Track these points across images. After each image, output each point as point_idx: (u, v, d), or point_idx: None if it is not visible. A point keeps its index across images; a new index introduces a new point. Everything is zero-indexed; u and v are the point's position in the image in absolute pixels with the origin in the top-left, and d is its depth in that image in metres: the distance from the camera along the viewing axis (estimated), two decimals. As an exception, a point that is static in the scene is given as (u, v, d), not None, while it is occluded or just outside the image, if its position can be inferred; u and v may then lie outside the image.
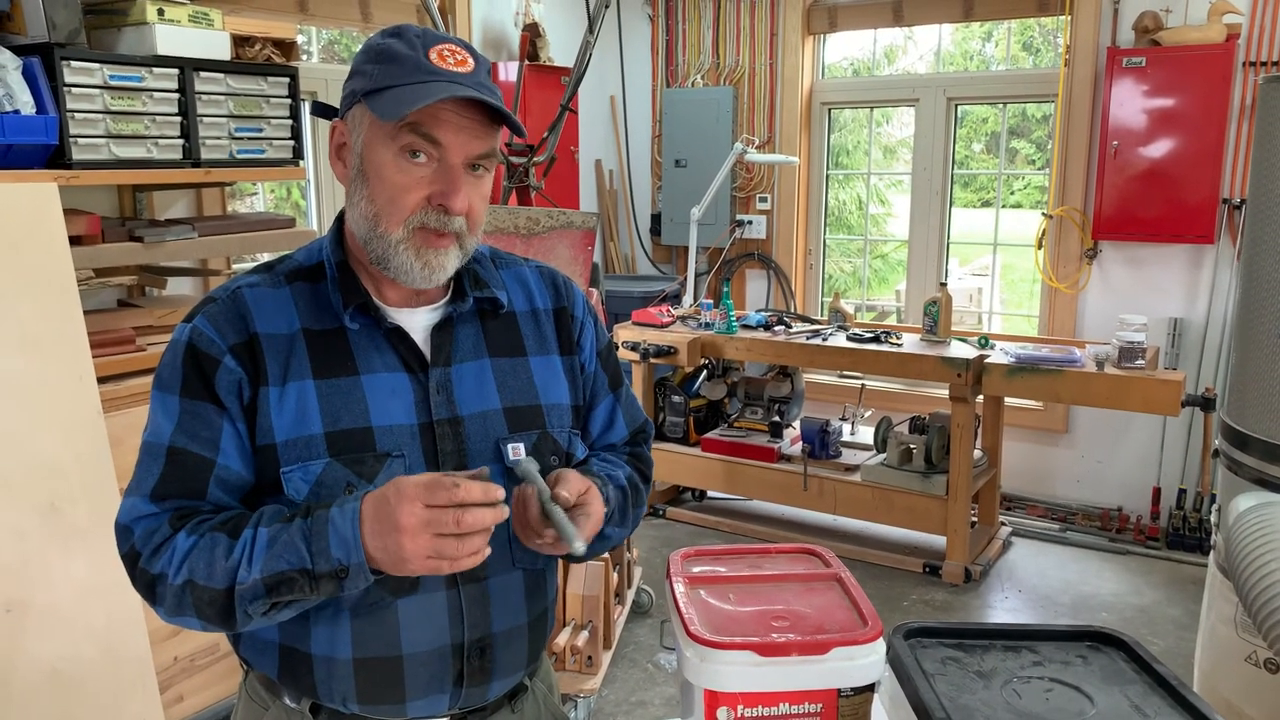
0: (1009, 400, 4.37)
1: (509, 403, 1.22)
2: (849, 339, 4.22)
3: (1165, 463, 4.40)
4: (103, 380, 2.45)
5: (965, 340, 4.15)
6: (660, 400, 4.68)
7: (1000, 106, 5.19)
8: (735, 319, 4.44)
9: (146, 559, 1.09)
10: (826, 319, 4.56)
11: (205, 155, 2.84)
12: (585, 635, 3.05)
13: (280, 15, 3.68)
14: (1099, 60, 4.30)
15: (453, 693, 1.20)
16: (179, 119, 2.77)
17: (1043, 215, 4.55)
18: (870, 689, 1.24)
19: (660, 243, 5.65)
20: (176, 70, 2.74)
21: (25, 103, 2.40)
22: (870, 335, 4.23)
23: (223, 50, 2.89)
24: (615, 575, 3.38)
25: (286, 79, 3.05)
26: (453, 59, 1.12)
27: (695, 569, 1.43)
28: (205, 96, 2.83)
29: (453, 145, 1.11)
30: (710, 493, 4.88)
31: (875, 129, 5.61)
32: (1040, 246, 4.53)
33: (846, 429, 4.56)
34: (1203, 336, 4.24)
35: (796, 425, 4.56)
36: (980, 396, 4.05)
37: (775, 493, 4.40)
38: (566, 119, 3.99)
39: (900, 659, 1.37)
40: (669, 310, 4.62)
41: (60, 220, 2.38)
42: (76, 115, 2.53)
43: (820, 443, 4.30)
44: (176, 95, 2.76)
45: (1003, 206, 5.26)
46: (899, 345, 4.09)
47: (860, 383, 4.90)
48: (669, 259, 5.68)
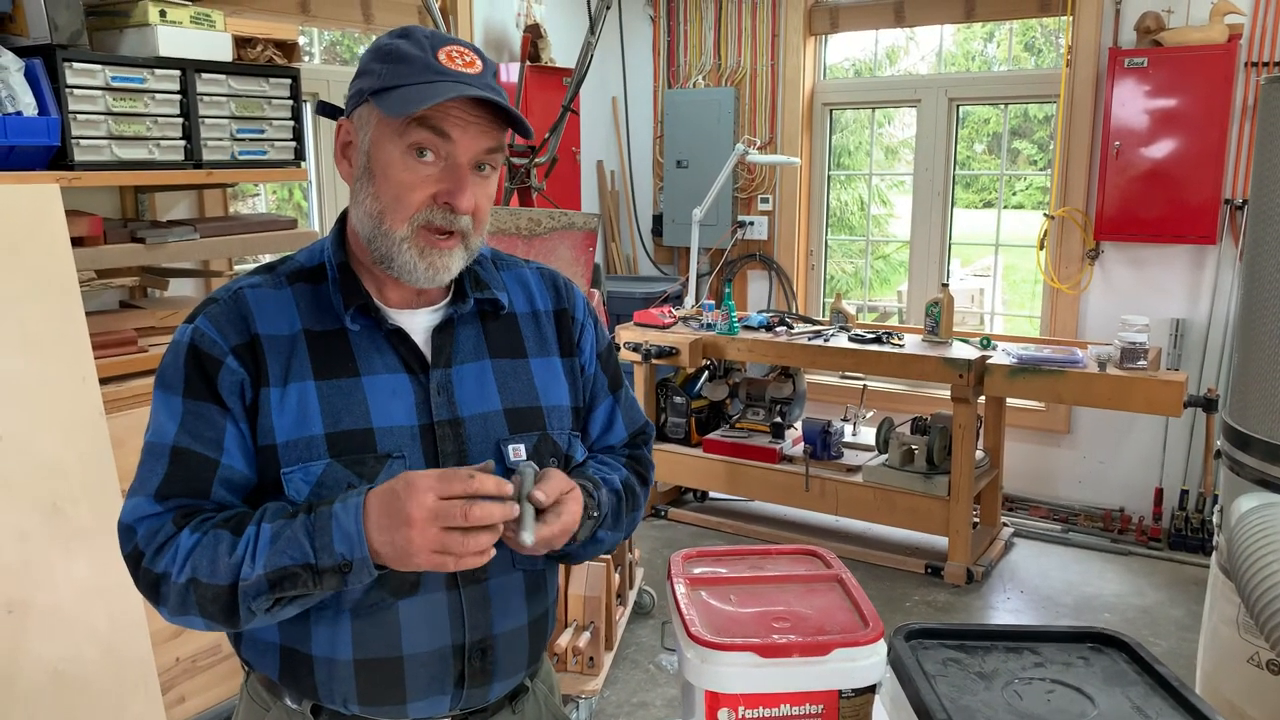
0: (1011, 401, 4.37)
1: (509, 404, 1.22)
2: (851, 340, 4.21)
3: (1167, 463, 4.40)
4: (104, 381, 2.46)
5: (967, 341, 4.15)
6: (662, 401, 4.68)
7: (1002, 107, 5.18)
8: (737, 320, 4.44)
9: (150, 558, 1.09)
10: (828, 320, 4.56)
11: (207, 156, 2.85)
12: (587, 636, 3.05)
13: (282, 17, 3.68)
14: (1101, 61, 4.29)
15: (454, 694, 1.20)
16: (181, 120, 2.78)
17: (1044, 216, 4.55)
18: (871, 690, 1.24)
19: (662, 243, 5.65)
20: (178, 72, 2.75)
21: (27, 104, 2.41)
22: (872, 336, 4.23)
23: (224, 52, 2.89)
24: (617, 576, 3.38)
25: (288, 80, 3.06)
26: (461, 60, 1.12)
27: (696, 570, 1.43)
28: (207, 98, 2.83)
29: (461, 142, 1.11)
30: (712, 494, 4.88)
31: (877, 130, 5.61)
32: (1042, 247, 4.52)
33: (848, 430, 4.56)
34: (1205, 337, 4.24)
35: (798, 426, 4.56)
36: (982, 397, 4.04)
37: (777, 494, 4.40)
38: (568, 120, 3.99)
39: (901, 660, 1.37)
40: (671, 311, 4.62)
41: (62, 221, 2.38)
42: (78, 117, 2.54)
43: (822, 443, 4.30)
44: (178, 97, 2.76)
45: (1004, 207, 5.25)
46: (901, 346, 4.09)
47: (862, 383, 4.90)
48: (670, 260, 5.68)
